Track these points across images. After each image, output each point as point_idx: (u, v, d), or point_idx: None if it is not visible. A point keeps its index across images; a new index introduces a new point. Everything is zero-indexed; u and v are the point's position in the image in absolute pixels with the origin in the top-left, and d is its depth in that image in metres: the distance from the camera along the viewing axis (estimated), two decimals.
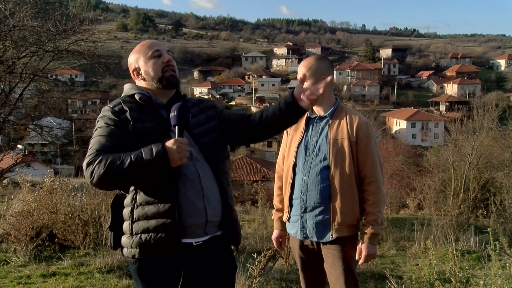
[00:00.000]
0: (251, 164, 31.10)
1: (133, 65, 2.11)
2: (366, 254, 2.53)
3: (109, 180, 1.82)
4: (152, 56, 2.06)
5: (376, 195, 2.54)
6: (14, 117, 10.69)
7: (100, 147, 1.86)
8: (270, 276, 4.44)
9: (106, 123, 1.94)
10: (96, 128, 1.96)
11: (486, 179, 10.14)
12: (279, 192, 2.84)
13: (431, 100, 77.98)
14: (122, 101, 2.02)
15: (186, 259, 1.95)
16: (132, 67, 2.11)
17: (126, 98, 2.04)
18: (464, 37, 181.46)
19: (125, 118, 1.95)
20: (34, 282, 4.09)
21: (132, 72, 2.12)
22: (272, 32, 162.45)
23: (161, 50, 2.07)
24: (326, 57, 2.81)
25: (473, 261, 5.11)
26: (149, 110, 2.00)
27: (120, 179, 1.83)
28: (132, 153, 1.81)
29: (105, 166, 1.79)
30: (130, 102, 2.01)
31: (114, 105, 2.01)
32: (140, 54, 2.09)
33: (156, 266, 1.94)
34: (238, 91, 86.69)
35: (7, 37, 8.76)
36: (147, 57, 2.07)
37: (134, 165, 1.79)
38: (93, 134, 1.94)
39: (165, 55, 2.07)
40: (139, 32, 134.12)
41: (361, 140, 2.54)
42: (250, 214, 9.43)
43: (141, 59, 2.08)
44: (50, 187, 5.22)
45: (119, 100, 2.03)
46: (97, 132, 1.94)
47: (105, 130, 1.92)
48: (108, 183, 1.86)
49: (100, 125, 1.96)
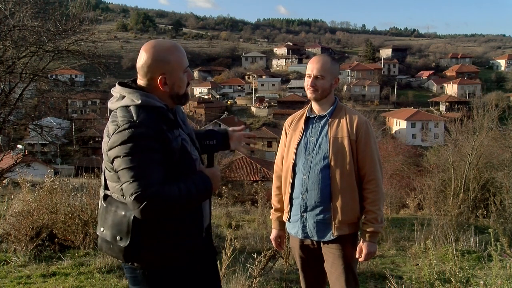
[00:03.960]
0: (251, 164, 31.09)
1: (162, 71, 1.92)
2: (367, 252, 2.54)
3: (168, 214, 1.85)
4: (185, 71, 1.98)
5: (376, 193, 2.54)
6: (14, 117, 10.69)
7: (155, 179, 1.78)
8: (270, 276, 4.44)
9: (149, 148, 1.80)
10: (135, 150, 1.78)
11: (486, 179, 10.12)
12: (277, 192, 2.83)
13: (431, 100, 78.00)
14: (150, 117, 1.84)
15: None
16: (160, 75, 1.91)
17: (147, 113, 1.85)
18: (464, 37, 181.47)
19: (164, 139, 1.85)
20: (34, 282, 4.08)
21: (160, 79, 1.91)
22: (272, 32, 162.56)
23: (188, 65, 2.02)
24: (336, 60, 2.84)
25: (473, 261, 5.11)
26: (174, 125, 1.94)
27: (178, 212, 1.89)
28: (190, 186, 1.87)
29: (165, 203, 1.80)
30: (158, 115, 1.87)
31: (148, 124, 1.82)
32: (177, 65, 1.94)
33: (165, 271, 1.97)
34: (238, 91, 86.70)
35: (7, 37, 8.76)
36: (182, 70, 1.97)
37: (191, 201, 1.89)
38: (131, 157, 1.77)
39: (190, 71, 2.04)
40: (139, 32, 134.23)
41: (361, 139, 2.55)
42: (250, 214, 9.43)
43: (178, 70, 1.95)
44: (50, 187, 5.21)
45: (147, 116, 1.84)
46: (141, 158, 1.78)
47: (152, 156, 1.80)
48: (163, 216, 1.86)
49: (142, 148, 1.79)
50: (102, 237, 1.95)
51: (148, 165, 1.78)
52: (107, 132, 1.87)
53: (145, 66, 1.91)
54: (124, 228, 1.86)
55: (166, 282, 1.98)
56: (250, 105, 77.66)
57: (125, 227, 1.85)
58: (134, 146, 1.78)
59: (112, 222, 1.90)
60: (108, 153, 1.85)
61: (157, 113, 1.87)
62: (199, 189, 1.90)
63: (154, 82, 1.93)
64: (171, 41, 2.01)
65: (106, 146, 1.86)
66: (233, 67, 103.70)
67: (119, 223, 1.87)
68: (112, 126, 1.85)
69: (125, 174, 1.78)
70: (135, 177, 1.76)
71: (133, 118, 1.81)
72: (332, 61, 2.66)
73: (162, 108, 1.89)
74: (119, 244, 1.87)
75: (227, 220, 7.89)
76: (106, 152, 1.86)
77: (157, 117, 1.86)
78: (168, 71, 1.92)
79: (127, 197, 1.78)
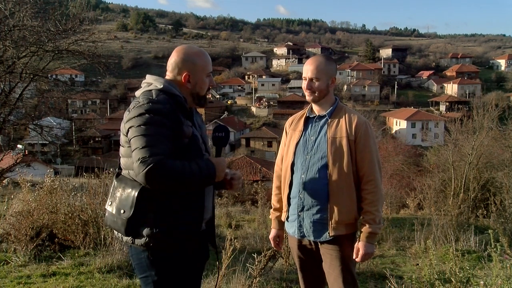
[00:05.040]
0: (251, 164, 31.12)
1: (188, 70, 2.18)
2: (363, 253, 2.52)
3: (169, 186, 1.99)
4: (208, 75, 2.24)
5: (374, 194, 2.53)
6: (14, 117, 10.67)
7: (162, 150, 1.95)
8: (270, 276, 4.44)
9: (162, 123, 1.99)
10: (149, 122, 1.98)
11: (486, 179, 10.12)
12: (277, 191, 2.84)
13: (431, 100, 77.98)
14: (168, 99, 2.07)
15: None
16: (185, 72, 2.18)
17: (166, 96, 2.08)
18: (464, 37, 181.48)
19: (176, 119, 2.05)
20: (34, 282, 4.08)
21: (184, 76, 2.18)
22: (272, 32, 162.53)
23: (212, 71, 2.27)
24: (333, 59, 2.83)
25: (473, 261, 5.11)
26: (188, 115, 2.15)
27: (179, 188, 2.03)
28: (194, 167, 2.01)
29: (168, 173, 1.93)
30: (175, 102, 2.09)
31: (164, 103, 2.04)
32: (201, 67, 2.20)
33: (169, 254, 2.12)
34: (238, 91, 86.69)
35: (7, 37, 8.75)
36: (206, 74, 2.23)
37: (193, 181, 2.02)
38: (145, 126, 1.97)
39: (212, 78, 2.28)
40: (139, 32, 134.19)
41: (360, 139, 2.54)
42: (250, 214, 9.43)
43: (202, 72, 2.21)
44: (50, 187, 5.21)
45: (165, 97, 2.07)
46: (153, 129, 1.97)
47: (163, 131, 1.99)
48: (165, 187, 1.99)
49: (155, 121, 1.99)
50: (109, 211, 2.14)
51: (158, 137, 1.97)
52: (128, 109, 2.10)
53: (174, 63, 2.20)
54: (128, 202, 2.04)
55: (171, 267, 2.12)
56: (250, 105, 77.64)
57: (130, 202, 2.04)
58: (148, 118, 1.98)
59: (119, 197, 2.09)
60: (125, 124, 2.06)
61: (175, 100, 2.10)
62: (202, 171, 2.04)
63: (179, 78, 2.19)
64: (200, 48, 2.30)
65: (124, 121, 2.08)
66: (233, 67, 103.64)
67: (125, 198, 2.06)
68: (133, 103, 2.08)
69: (136, 141, 1.97)
70: (145, 144, 1.94)
71: (152, 97, 2.05)
72: (327, 61, 2.65)
73: (179, 97, 2.12)
74: (122, 217, 2.05)
75: (227, 220, 7.90)
76: (124, 125, 2.07)
77: (173, 102, 2.08)
78: (193, 71, 2.19)
79: (135, 161, 1.95)
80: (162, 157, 1.93)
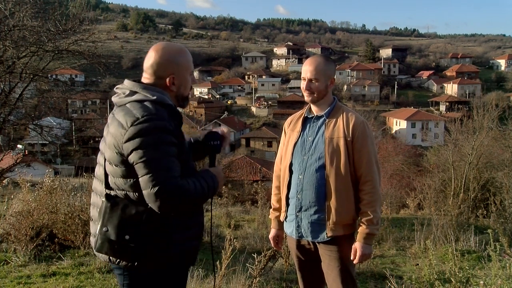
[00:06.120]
0: (251, 164, 31.11)
1: (172, 71, 1.97)
2: (361, 254, 2.50)
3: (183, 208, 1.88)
4: (191, 74, 2.06)
5: (372, 195, 2.51)
6: (14, 117, 10.68)
7: (175, 172, 1.81)
8: (270, 276, 4.44)
9: (170, 142, 1.83)
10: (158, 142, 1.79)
11: (486, 179, 10.13)
12: (276, 191, 2.83)
13: (431, 100, 77.97)
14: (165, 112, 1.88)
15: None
16: (170, 72, 1.96)
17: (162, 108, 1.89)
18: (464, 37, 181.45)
19: (179, 135, 1.91)
20: (34, 282, 4.08)
21: (169, 79, 1.96)
22: (272, 32, 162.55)
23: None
24: (331, 59, 2.82)
25: (473, 261, 5.11)
26: (181, 124, 2.00)
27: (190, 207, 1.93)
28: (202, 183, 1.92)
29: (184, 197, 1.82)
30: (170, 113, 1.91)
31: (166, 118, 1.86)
32: (185, 67, 2.01)
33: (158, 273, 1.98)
34: (238, 91, 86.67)
35: (7, 37, 8.76)
36: (189, 73, 2.04)
37: (203, 197, 1.94)
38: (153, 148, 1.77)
39: (194, 77, 2.11)
40: (139, 32, 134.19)
41: (357, 139, 2.52)
42: (250, 214, 9.43)
43: (186, 72, 2.02)
44: (50, 187, 5.21)
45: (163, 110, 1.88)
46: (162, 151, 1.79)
47: (171, 150, 1.83)
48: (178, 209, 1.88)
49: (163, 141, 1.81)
50: (105, 237, 1.88)
51: (168, 158, 1.80)
52: (120, 125, 1.82)
53: (155, 65, 1.95)
54: (133, 226, 1.84)
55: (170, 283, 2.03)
56: (250, 105, 77.63)
57: (135, 226, 1.84)
58: (154, 138, 1.78)
59: (119, 221, 1.85)
60: (124, 145, 1.80)
61: (169, 110, 1.91)
62: (209, 186, 1.96)
63: (162, 81, 1.96)
64: (180, 45, 2.10)
65: (119, 139, 1.81)
66: (233, 67, 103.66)
67: (128, 222, 1.84)
68: (128, 118, 1.81)
69: (145, 166, 1.77)
70: (156, 169, 1.76)
71: (152, 112, 1.82)
72: (326, 62, 2.64)
73: (173, 107, 1.94)
74: (126, 243, 1.83)
75: (227, 220, 7.90)
76: (121, 145, 1.81)
77: (171, 114, 1.90)
78: (177, 72, 1.97)
79: (147, 189, 1.77)
80: (177, 181, 1.79)
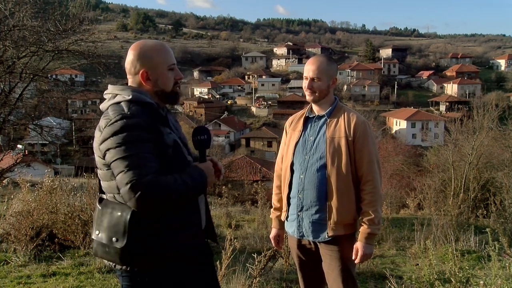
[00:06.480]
0: (251, 164, 31.11)
1: (144, 68, 1.96)
2: (362, 254, 2.51)
3: (164, 206, 1.81)
4: (170, 68, 2.00)
5: (373, 195, 2.52)
6: (14, 117, 10.67)
7: (150, 169, 1.77)
8: (270, 276, 4.44)
9: (142, 139, 1.80)
10: (128, 140, 1.78)
11: (486, 179, 10.13)
12: (277, 191, 2.84)
13: (431, 100, 77.97)
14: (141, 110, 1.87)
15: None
16: (142, 69, 1.96)
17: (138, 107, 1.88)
18: (464, 37, 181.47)
19: (155, 130, 1.86)
20: (34, 282, 4.09)
21: (140, 74, 1.95)
22: (272, 32, 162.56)
23: (175, 63, 2.05)
24: (333, 59, 2.82)
25: (473, 261, 5.11)
26: (165, 122, 1.96)
27: (175, 204, 1.86)
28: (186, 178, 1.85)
29: (161, 193, 1.76)
30: (149, 111, 1.90)
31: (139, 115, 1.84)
32: (160, 61, 1.97)
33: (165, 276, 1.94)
34: (238, 91, 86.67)
35: (7, 37, 8.75)
36: (167, 67, 1.99)
37: (186, 193, 1.86)
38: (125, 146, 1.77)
39: (178, 71, 2.05)
40: (139, 32, 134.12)
41: (358, 139, 2.53)
42: (250, 214, 9.43)
43: (161, 67, 1.97)
44: (50, 187, 5.21)
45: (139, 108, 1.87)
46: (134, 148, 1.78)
47: (145, 147, 1.80)
48: (159, 208, 1.81)
49: (135, 138, 1.79)
50: (98, 241, 1.90)
51: (142, 155, 1.78)
52: (99, 128, 1.87)
53: (129, 64, 1.97)
54: (120, 228, 1.82)
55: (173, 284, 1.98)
56: (250, 105, 77.64)
57: (122, 228, 1.82)
58: (126, 136, 1.78)
59: (108, 224, 1.86)
60: (100, 147, 1.85)
61: (148, 108, 1.90)
62: (194, 181, 1.89)
63: (137, 78, 1.98)
64: (157, 41, 2.09)
65: (97, 142, 1.86)
66: (233, 67, 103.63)
67: (115, 224, 1.84)
68: (104, 121, 1.86)
69: (119, 164, 1.77)
70: (129, 166, 1.75)
71: (124, 111, 1.84)
72: (328, 62, 2.64)
73: (152, 104, 1.92)
74: (115, 246, 1.83)
75: (227, 220, 7.89)
76: (98, 147, 1.86)
77: (148, 112, 1.89)
78: (151, 67, 1.95)
79: (122, 187, 1.75)
80: (152, 177, 1.75)
